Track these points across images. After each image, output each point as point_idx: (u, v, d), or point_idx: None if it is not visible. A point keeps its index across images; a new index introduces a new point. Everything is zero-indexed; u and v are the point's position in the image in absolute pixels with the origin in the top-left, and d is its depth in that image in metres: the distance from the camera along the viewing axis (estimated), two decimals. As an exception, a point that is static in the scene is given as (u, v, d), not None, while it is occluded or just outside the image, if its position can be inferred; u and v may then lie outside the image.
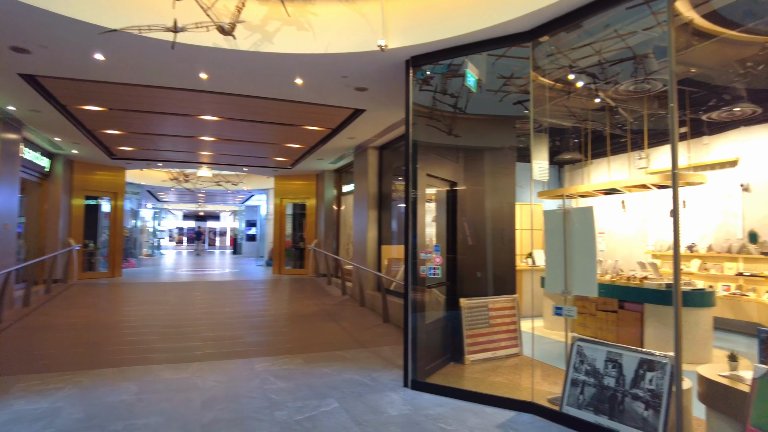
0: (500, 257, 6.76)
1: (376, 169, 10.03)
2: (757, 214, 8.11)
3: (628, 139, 9.18)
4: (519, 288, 8.66)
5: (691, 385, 3.84)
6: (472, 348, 6.13)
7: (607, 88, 6.96)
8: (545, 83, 6.99)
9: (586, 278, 4.59)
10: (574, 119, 8.98)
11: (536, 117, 5.31)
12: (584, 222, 4.62)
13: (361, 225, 10.14)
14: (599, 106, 8.18)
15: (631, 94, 6.48)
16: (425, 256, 5.08)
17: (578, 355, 4.28)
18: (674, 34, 3.72)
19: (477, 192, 6.66)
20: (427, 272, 5.05)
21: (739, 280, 8.06)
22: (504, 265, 6.80)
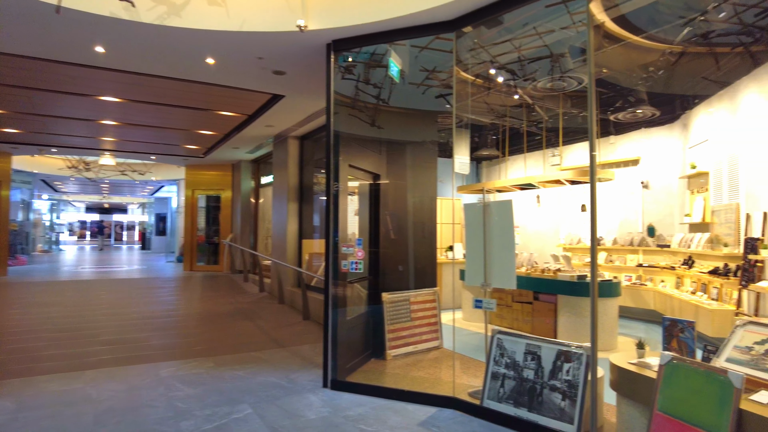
0: (422, 251, 6.73)
1: (297, 159, 9.65)
2: (655, 209, 8.77)
3: (543, 137, 9.55)
4: (439, 281, 8.73)
5: (603, 374, 3.97)
6: (394, 343, 6.03)
7: (526, 86, 7.14)
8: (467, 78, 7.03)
9: (505, 271, 4.62)
10: (492, 116, 9.19)
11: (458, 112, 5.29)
12: (503, 215, 4.64)
13: (281, 219, 9.73)
14: (517, 103, 8.41)
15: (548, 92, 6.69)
16: (347, 251, 4.87)
17: (498, 348, 4.29)
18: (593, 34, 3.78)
19: (399, 186, 6.55)
20: (349, 267, 4.84)
21: (639, 270, 8.68)
22: (425, 258, 6.77)
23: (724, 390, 2.73)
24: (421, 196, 6.66)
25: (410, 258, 6.60)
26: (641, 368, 3.41)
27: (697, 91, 7.14)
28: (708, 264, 6.91)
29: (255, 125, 8.85)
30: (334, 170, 5.00)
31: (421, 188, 6.67)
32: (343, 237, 5.02)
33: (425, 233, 6.71)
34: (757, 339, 3.12)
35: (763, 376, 2.89)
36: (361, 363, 5.60)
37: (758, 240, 5.64)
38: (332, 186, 4.95)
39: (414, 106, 7.07)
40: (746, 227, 5.97)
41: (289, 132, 9.32)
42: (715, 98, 6.88)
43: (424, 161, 6.75)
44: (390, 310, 6.07)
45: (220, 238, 14.84)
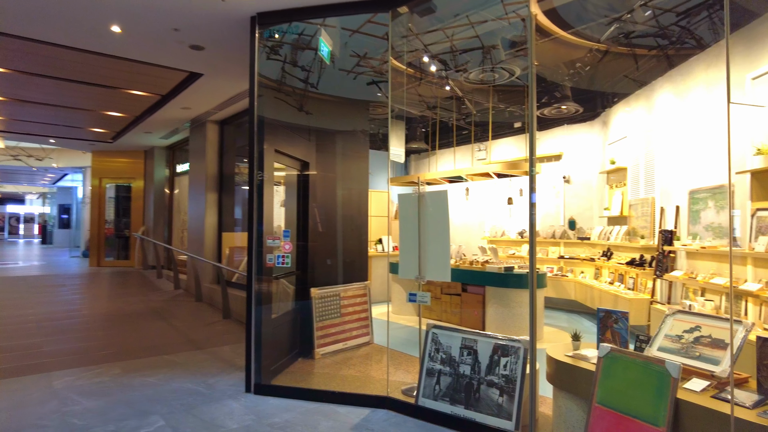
0: (352, 244, 6.45)
1: (217, 146, 8.98)
2: (575, 203, 9.11)
3: (472, 131, 9.61)
4: (369, 274, 8.51)
5: (538, 366, 3.93)
6: (323, 340, 5.72)
7: (458, 77, 7.07)
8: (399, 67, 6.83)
9: (439, 263, 4.47)
10: (422, 107, 9.09)
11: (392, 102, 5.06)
12: (438, 206, 4.48)
13: (199, 210, 9.02)
14: (448, 95, 8.36)
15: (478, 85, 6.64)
16: (273, 243, 4.47)
17: (433, 343, 4.12)
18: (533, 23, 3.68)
19: (329, 176, 6.22)
20: (275, 261, 4.45)
21: (560, 262, 8.98)
22: (356, 251, 6.51)
23: (661, 380, 2.72)
24: (352, 187, 6.38)
25: (340, 251, 6.31)
26: (578, 360, 3.37)
27: (618, 89, 7.45)
28: (626, 255, 7.24)
29: (170, 107, 8.09)
30: (258, 157, 4.58)
31: (351, 179, 6.38)
32: (268, 229, 4.62)
33: (356, 226, 6.44)
34: (686, 327, 3.17)
35: (695, 364, 2.92)
36: (287, 364, 5.24)
37: (672, 232, 5.95)
38: (256, 174, 4.53)
39: (345, 94, 6.76)
40: (660, 220, 6.29)
41: (207, 116, 8.64)
42: (633, 97, 7.21)
43: (355, 152, 6.47)
44: (319, 306, 5.75)
45: (131, 231, 13.64)
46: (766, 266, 4.41)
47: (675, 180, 6.05)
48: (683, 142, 5.87)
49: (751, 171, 4.51)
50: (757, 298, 4.43)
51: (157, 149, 12.46)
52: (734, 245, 4.85)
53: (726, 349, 2.89)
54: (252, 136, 4.52)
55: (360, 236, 6.50)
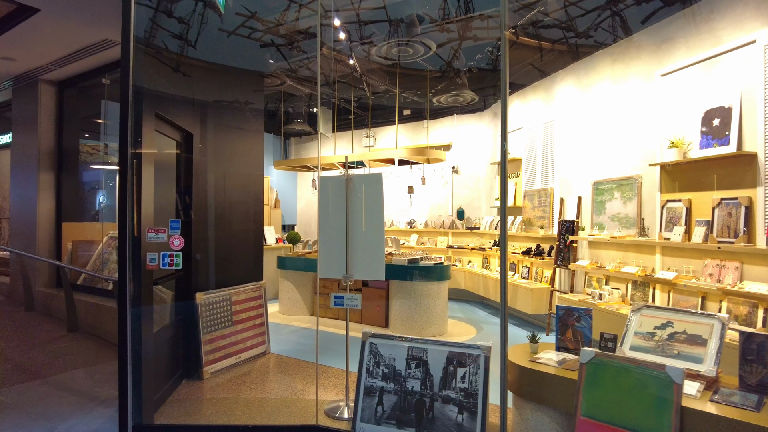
0: (245, 236, 5.45)
1: (54, 114, 7.07)
2: (463, 194, 9.11)
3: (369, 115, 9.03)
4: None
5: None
6: (212, 356, 4.67)
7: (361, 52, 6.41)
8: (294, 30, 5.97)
9: (372, 259, 3.81)
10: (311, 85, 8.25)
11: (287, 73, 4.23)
12: (372, 191, 3.82)
13: (27, 194, 7.04)
14: (342, 73, 7.65)
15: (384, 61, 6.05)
16: (155, 238, 3.37)
17: (371, 355, 3.45)
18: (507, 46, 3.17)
19: (217, 156, 5.12)
20: (159, 262, 3.36)
21: (449, 252, 8.91)
22: (249, 245, 5.51)
23: (662, 387, 2.43)
24: (244, 170, 5.36)
25: (229, 245, 5.26)
26: (547, 366, 3.00)
27: (514, 80, 7.47)
28: (520, 245, 7.33)
29: (-17, 56, 6.07)
30: (135, 123, 3.40)
31: (243, 161, 5.36)
32: (147, 219, 3.48)
33: (249, 215, 5.44)
34: (657, 323, 2.98)
35: (676, 363, 2.71)
36: (171, 390, 4.13)
37: (573, 222, 6.07)
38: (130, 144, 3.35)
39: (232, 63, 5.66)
40: (560, 210, 6.41)
41: (41, 73, 6.73)
42: (530, 89, 7.29)
43: (247, 129, 5.44)
44: (206, 315, 4.68)
45: None
46: (676, 255, 4.59)
47: (576, 171, 6.18)
48: (586, 134, 6.00)
49: (664, 164, 4.65)
50: (666, 285, 4.60)
51: (-40, 115, 9.57)
52: (643, 235, 5.01)
53: (705, 346, 2.74)
54: (126, 94, 3.33)
55: (254, 228, 5.51)
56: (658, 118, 4.83)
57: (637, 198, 5.11)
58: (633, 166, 5.21)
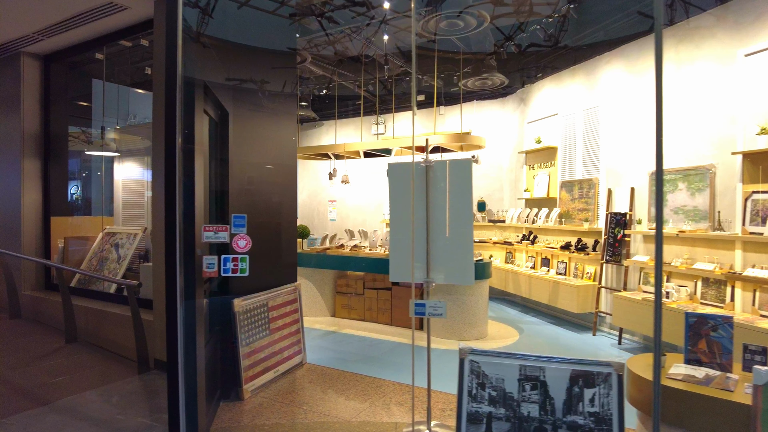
0: (279, 232, 4.81)
1: (39, 93, 6.20)
2: (484, 184, 8.63)
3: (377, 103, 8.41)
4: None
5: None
6: (252, 371, 4.05)
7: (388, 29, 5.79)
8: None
9: (459, 260, 3.27)
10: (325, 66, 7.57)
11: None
12: (459, 181, 3.27)
13: (8, 184, 6.18)
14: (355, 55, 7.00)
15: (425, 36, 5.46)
16: (213, 238, 2.73)
17: (473, 375, 2.92)
18: None
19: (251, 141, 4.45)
20: (218, 268, 2.72)
21: (470, 246, 8.42)
22: (284, 242, 4.88)
23: None
24: (277, 157, 4.71)
25: (265, 243, 4.62)
26: (689, 385, 2.55)
27: (546, 63, 6.99)
28: (557, 239, 6.90)
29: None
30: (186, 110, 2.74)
31: (275, 150, 4.71)
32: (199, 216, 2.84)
33: (284, 208, 4.80)
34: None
35: None
36: (211, 416, 3.50)
37: (625, 215, 5.66)
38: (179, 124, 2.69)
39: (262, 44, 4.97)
40: (608, 202, 5.99)
41: (22, 45, 5.85)
42: (567, 73, 6.83)
43: (279, 116, 4.78)
44: (244, 323, 4.05)
45: None
46: (763, 251, 4.21)
47: (627, 160, 5.76)
48: (639, 121, 5.57)
49: (752, 152, 4.25)
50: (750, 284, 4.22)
51: None
52: (719, 229, 4.63)
53: None
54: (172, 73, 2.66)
55: (288, 222, 4.87)
56: (740, 103, 4.43)
57: (709, 189, 4.72)
58: (702, 154, 4.81)
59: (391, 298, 6.29)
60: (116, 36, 5.46)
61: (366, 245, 6.77)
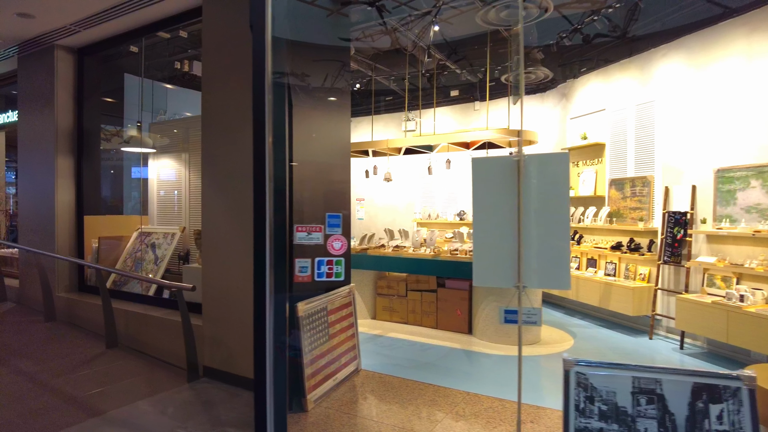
0: (331, 232, 4.57)
1: (72, 88, 5.98)
2: (523, 182, 8.36)
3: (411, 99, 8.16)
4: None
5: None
6: (314, 380, 3.82)
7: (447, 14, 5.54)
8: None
9: (554, 263, 3.03)
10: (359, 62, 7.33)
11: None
12: (555, 177, 3.02)
13: (43, 183, 5.96)
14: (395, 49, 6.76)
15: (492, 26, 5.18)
16: (307, 240, 2.50)
17: (581, 388, 2.68)
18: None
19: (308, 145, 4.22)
20: (312, 272, 2.49)
21: (506, 246, 8.18)
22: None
23: None
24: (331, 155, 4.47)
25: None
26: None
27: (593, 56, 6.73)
28: (606, 239, 6.65)
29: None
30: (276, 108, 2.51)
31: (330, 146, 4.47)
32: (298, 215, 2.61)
33: (340, 204, 4.55)
34: None
35: None
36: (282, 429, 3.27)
37: (686, 214, 5.40)
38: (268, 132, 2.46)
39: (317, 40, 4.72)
40: (665, 201, 5.73)
41: (58, 37, 5.63)
42: (616, 67, 6.56)
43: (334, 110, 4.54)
44: (307, 329, 3.82)
45: None
46: None
47: (687, 157, 5.50)
48: (702, 116, 5.31)
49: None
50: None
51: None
52: (801, 229, 4.37)
53: None
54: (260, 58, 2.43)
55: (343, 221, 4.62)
56: (828, 95, 4.17)
57: None
58: (778, 150, 4.56)
59: (437, 300, 6.06)
60: (153, 27, 5.23)
61: (408, 245, 6.54)
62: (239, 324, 4.01)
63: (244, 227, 3.94)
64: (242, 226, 3.95)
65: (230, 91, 4.05)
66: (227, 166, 4.05)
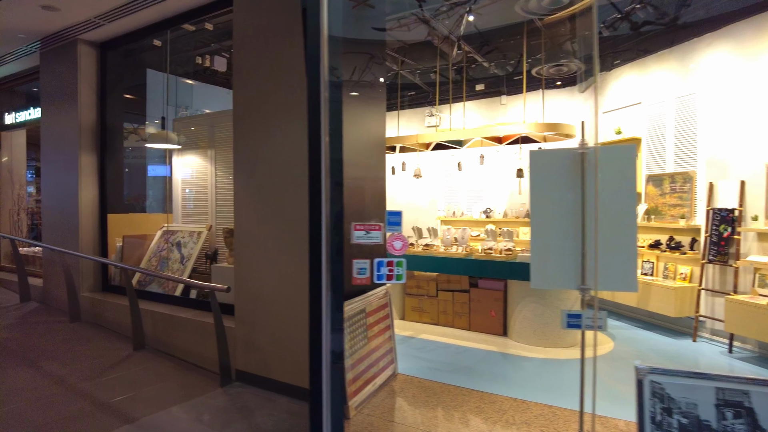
0: (367, 231, 4.39)
1: (95, 83, 5.85)
2: (551, 178, 8.13)
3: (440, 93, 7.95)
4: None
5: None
6: (354, 386, 3.65)
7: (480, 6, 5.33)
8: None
9: (620, 264, 2.82)
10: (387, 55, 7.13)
11: None
12: (622, 171, 2.82)
13: (66, 181, 5.84)
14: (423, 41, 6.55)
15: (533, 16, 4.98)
16: (366, 239, 2.32)
17: (657, 399, 2.47)
18: None
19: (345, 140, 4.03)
20: (372, 273, 2.31)
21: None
22: (370, 242, 4.45)
23: None
24: (366, 151, 4.29)
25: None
26: None
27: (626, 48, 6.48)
28: (642, 237, 6.41)
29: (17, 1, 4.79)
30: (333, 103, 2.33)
31: (366, 142, 4.29)
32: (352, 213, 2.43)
33: (373, 200, 4.38)
34: None
35: None
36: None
37: (733, 211, 5.16)
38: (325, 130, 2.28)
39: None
40: (709, 197, 5.48)
41: (81, 31, 5.49)
42: (653, 59, 6.31)
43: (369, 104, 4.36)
44: (347, 332, 3.64)
45: None
46: None
47: (734, 152, 5.25)
48: (752, 109, 5.06)
49: None
50: None
51: (-38, 89, 8.15)
52: None
53: None
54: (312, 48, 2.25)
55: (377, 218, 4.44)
56: None
57: None
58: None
59: (469, 301, 5.86)
60: (179, 19, 5.07)
61: (437, 243, 6.34)
62: (274, 326, 3.85)
63: (280, 226, 3.77)
64: (278, 225, 3.79)
65: (263, 83, 3.88)
66: (262, 162, 3.88)
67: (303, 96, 3.58)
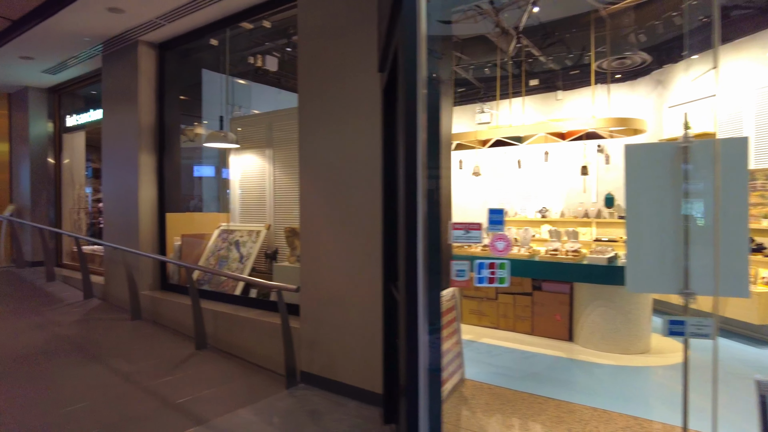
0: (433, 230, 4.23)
1: (155, 83, 5.91)
2: (612, 177, 7.79)
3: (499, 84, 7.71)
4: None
5: None
6: (427, 391, 3.49)
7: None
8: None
9: (733, 267, 2.58)
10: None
11: None
12: (733, 166, 2.57)
13: (126, 180, 5.93)
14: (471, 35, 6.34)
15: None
16: (464, 239, 2.17)
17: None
18: None
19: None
20: (474, 278, 2.16)
21: (593, 245, 7.63)
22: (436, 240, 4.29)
23: None
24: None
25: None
26: None
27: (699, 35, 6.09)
28: (717, 238, 6.01)
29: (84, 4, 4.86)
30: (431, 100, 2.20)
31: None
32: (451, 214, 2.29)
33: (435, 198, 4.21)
34: None
35: None
36: (406, 448, 2.96)
37: (828, 210, 4.75)
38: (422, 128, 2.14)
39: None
40: (797, 195, 5.08)
41: (142, 32, 5.55)
42: (729, 47, 5.91)
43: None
44: (419, 336, 3.49)
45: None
46: None
47: (828, 145, 4.84)
48: None
49: None
50: None
51: (33, 92, 8.32)
52: None
53: None
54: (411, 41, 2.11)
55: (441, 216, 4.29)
56: None
57: None
58: None
59: (532, 304, 5.63)
60: (239, 17, 5.05)
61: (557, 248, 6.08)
62: (342, 327, 3.74)
63: (349, 225, 3.66)
64: (346, 224, 3.68)
65: (331, 79, 3.78)
66: (330, 161, 3.78)
67: (371, 92, 3.48)
